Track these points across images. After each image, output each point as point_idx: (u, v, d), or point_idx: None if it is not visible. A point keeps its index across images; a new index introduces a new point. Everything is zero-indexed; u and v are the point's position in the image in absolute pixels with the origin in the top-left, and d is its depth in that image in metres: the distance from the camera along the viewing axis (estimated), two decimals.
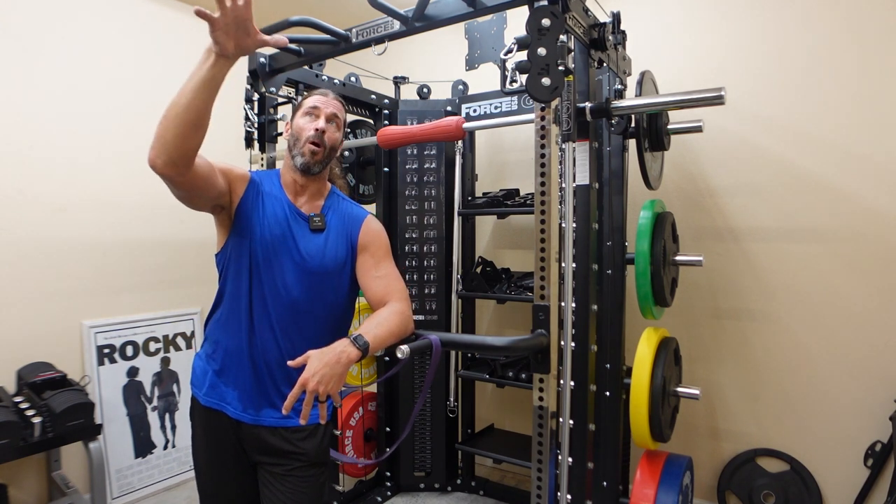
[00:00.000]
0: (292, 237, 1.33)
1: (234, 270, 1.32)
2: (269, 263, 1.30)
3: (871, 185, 2.08)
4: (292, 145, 1.37)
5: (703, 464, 2.40)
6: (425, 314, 2.62)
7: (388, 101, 2.63)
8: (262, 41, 1.08)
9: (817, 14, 2.15)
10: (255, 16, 1.06)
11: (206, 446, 1.37)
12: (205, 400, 1.34)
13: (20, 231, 2.33)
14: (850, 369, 2.13)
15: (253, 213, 1.31)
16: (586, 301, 1.69)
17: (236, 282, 1.31)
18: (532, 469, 1.42)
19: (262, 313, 1.30)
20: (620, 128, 1.87)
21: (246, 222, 1.31)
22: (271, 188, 1.37)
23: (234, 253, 1.31)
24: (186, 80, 1.10)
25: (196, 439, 1.39)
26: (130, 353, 2.65)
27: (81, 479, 2.45)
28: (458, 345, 1.82)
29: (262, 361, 1.30)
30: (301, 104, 1.41)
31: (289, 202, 1.37)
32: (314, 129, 1.33)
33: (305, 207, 1.38)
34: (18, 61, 2.33)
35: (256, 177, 1.37)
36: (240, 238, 1.31)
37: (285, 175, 1.40)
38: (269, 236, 1.31)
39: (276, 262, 1.31)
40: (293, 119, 1.40)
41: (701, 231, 2.40)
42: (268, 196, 1.35)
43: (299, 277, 1.31)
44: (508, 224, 2.92)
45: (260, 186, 1.36)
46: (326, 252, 1.35)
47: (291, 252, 1.32)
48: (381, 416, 2.65)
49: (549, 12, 1.26)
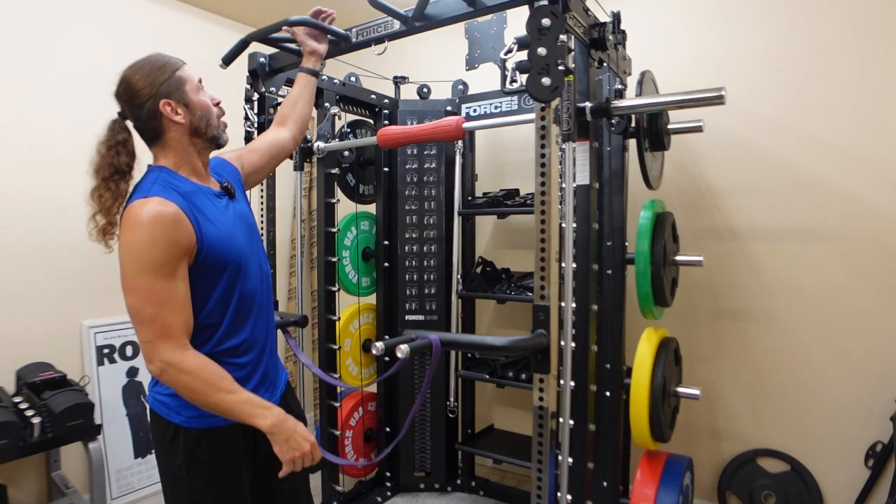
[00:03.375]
0: (233, 216, 1.26)
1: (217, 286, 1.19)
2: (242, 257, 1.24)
3: (871, 185, 2.08)
4: (201, 126, 1.23)
5: (703, 464, 2.40)
6: (425, 314, 2.62)
7: (388, 101, 2.63)
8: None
9: (818, 14, 2.15)
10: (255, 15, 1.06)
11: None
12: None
13: (20, 231, 2.33)
14: (851, 369, 2.13)
15: (205, 231, 1.16)
16: (586, 301, 1.69)
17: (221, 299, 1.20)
18: (532, 469, 1.42)
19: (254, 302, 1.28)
20: (620, 128, 1.87)
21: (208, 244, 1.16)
22: (183, 185, 1.19)
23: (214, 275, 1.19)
24: (234, 403, 1.11)
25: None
26: (130, 353, 2.65)
27: (81, 480, 2.45)
28: (458, 345, 1.82)
29: (268, 347, 1.33)
30: (181, 79, 1.22)
31: (204, 188, 1.24)
32: (215, 103, 1.29)
33: (211, 183, 1.29)
34: (19, 61, 2.33)
35: (168, 193, 1.13)
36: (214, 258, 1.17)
37: (188, 163, 1.23)
38: (226, 235, 1.21)
39: (245, 249, 1.26)
40: (181, 96, 1.20)
41: (701, 231, 2.40)
42: (192, 196, 1.17)
43: (259, 247, 1.35)
44: (508, 224, 2.92)
45: (180, 196, 1.15)
46: (248, 207, 1.39)
47: (244, 230, 1.29)
48: (381, 416, 2.65)
49: (549, 12, 1.26)
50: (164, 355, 1.08)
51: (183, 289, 1.12)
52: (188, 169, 1.23)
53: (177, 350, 1.09)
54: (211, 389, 1.09)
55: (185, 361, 1.08)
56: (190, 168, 1.24)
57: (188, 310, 1.13)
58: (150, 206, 1.09)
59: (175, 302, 1.10)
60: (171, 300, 1.09)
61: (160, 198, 1.11)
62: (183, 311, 1.11)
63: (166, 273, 1.09)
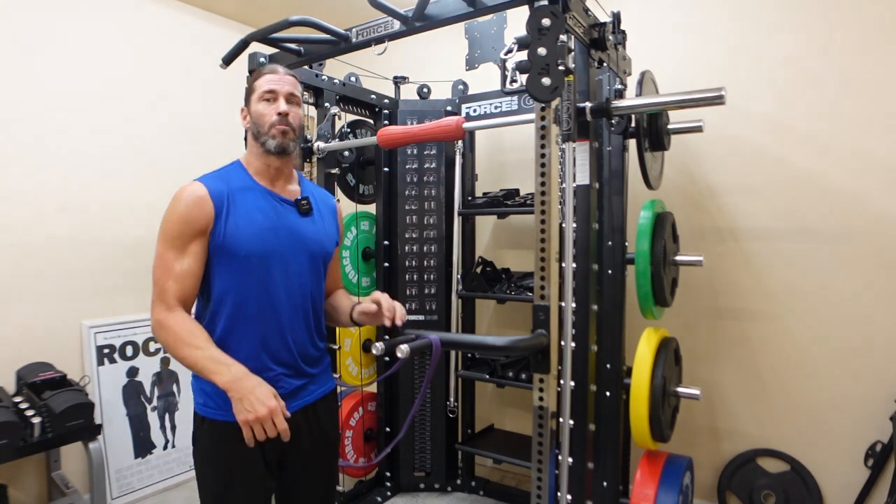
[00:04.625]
0: (286, 225, 1.30)
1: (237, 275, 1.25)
2: (271, 257, 1.27)
3: (872, 184, 2.08)
4: (256, 133, 1.31)
5: (703, 464, 2.40)
6: (425, 314, 2.62)
7: (388, 101, 2.63)
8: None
9: (818, 14, 2.15)
10: (255, 15, 1.06)
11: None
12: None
13: (20, 231, 2.33)
14: (850, 369, 2.13)
15: (229, 219, 1.24)
16: (586, 301, 1.69)
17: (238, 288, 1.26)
18: (532, 469, 1.42)
19: (276, 309, 1.28)
20: (620, 128, 1.87)
21: (229, 230, 1.24)
22: (241, 180, 1.30)
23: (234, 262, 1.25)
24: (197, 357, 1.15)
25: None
26: (130, 353, 2.65)
27: (81, 480, 2.45)
28: (458, 345, 1.82)
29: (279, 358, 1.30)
30: (253, 87, 1.33)
31: (266, 190, 1.32)
32: (276, 113, 1.29)
33: (285, 192, 1.35)
34: (19, 60, 2.33)
35: (212, 181, 1.26)
36: (233, 245, 1.24)
37: (254, 163, 1.33)
38: (257, 231, 1.25)
39: (279, 253, 1.28)
40: (249, 105, 1.34)
41: (701, 231, 2.40)
42: (240, 191, 1.28)
43: (305, 264, 1.32)
44: (508, 224, 2.92)
45: (225, 186, 1.26)
46: (321, 234, 1.36)
47: (291, 240, 1.30)
48: (381, 416, 2.65)
49: (549, 12, 1.26)
50: (155, 314, 1.20)
51: (189, 264, 1.22)
52: (255, 168, 1.33)
53: (165, 311, 1.19)
54: (180, 344, 1.16)
55: (168, 320, 1.18)
56: (256, 167, 1.33)
57: (188, 282, 1.22)
58: (187, 187, 1.25)
59: (177, 272, 1.20)
60: (174, 269, 1.20)
61: (199, 182, 1.26)
62: (181, 282, 1.21)
63: (178, 246, 1.21)
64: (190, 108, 2.92)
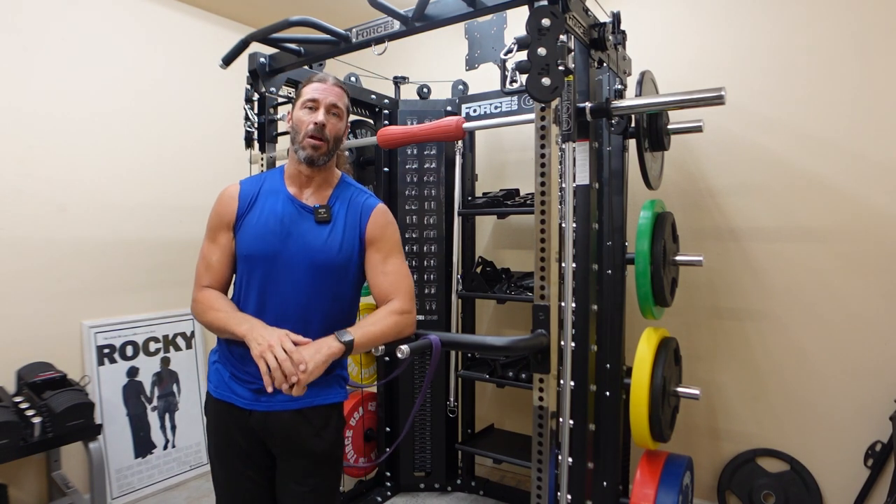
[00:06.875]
0: (295, 231, 1.31)
1: (244, 273, 1.34)
2: (270, 260, 1.30)
3: (871, 185, 2.08)
4: (293, 139, 1.35)
5: (703, 464, 2.40)
6: (425, 314, 2.62)
7: (388, 101, 2.63)
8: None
9: (818, 14, 2.15)
10: (255, 15, 1.06)
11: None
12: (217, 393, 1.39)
13: (20, 231, 2.34)
14: (850, 369, 2.13)
15: (246, 218, 1.34)
16: (586, 301, 1.69)
17: (244, 284, 1.34)
18: (532, 469, 1.42)
19: (270, 310, 1.30)
20: (620, 128, 1.87)
21: (242, 229, 1.34)
22: (273, 184, 1.38)
23: (240, 260, 1.35)
24: (220, 317, 1.29)
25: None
26: (130, 353, 2.65)
27: (81, 479, 2.45)
28: (458, 345, 1.82)
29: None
30: (300, 93, 1.37)
31: (290, 196, 1.35)
32: (313, 123, 1.30)
33: (312, 199, 1.36)
34: (18, 60, 2.33)
35: (249, 182, 1.39)
36: (240, 244, 1.34)
37: (290, 167, 1.39)
38: (262, 233, 1.31)
39: (279, 257, 1.30)
40: (293, 109, 1.38)
41: (701, 231, 2.40)
42: (266, 194, 1.36)
43: (305, 271, 1.30)
44: (508, 224, 2.92)
45: (257, 188, 1.37)
46: (331, 244, 1.32)
47: (294, 246, 1.30)
48: (381, 416, 2.65)
49: (549, 12, 1.26)
50: (193, 294, 1.36)
51: (218, 254, 1.36)
52: (289, 173, 1.39)
53: (197, 291, 1.35)
54: (207, 309, 1.31)
55: (197, 295, 1.35)
56: (290, 172, 1.39)
57: (218, 269, 1.36)
58: (228, 186, 1.40)
59: (208, 261, 1.36)
60: (206, 258, 1.37)
61: (240, 182, 1.40)
62: (211, 270, 1.36)
63: (211, 237, 1.37)
64: (190, 108, 2.92)
